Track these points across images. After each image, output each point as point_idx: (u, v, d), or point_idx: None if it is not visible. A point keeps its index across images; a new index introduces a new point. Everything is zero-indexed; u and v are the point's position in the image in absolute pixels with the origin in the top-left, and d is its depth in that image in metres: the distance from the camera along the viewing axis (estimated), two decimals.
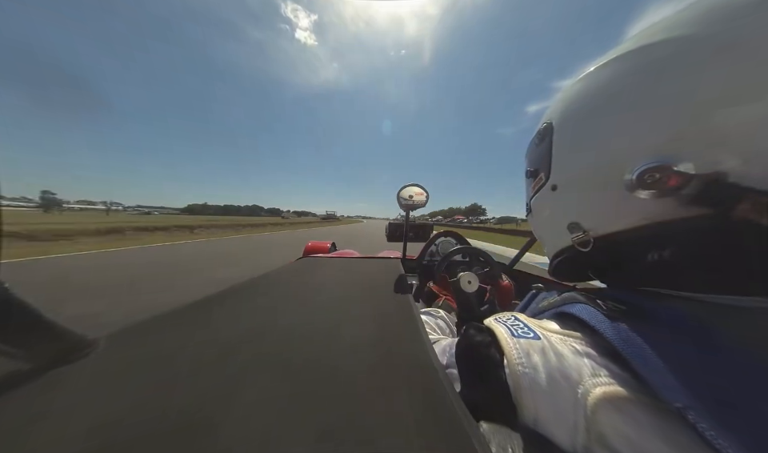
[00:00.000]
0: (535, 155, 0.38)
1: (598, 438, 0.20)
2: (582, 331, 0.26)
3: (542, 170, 0.36)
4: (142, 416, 0.24)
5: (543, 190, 0.37)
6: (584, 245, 0.32)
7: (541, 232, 0.44)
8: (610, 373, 0.22)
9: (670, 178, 0.22)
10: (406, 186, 1.01)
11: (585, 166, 0.31)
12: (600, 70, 0.29)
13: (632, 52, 0.26)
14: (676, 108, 0.23)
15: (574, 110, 0.32)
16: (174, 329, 0.42)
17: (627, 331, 0.22)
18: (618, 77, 0.28)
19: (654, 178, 0.23)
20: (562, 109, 0.33)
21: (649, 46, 0.25)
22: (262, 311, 0.51)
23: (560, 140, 0.33)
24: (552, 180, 0.35)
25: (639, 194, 0.24)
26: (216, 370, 0.30)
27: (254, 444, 0.21)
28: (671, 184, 0.23)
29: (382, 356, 0.33)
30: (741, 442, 0.16)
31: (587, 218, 0.32)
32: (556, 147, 0.34)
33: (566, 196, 0.34)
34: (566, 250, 0.36)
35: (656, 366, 0.20)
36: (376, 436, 0.21)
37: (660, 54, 0.24)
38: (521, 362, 0.25)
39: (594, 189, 0.30)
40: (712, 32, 0.22)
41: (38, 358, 0.31)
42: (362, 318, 0.46)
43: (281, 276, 0.78)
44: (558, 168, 0.34)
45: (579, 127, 0.31)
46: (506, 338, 0.27)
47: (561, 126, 0.33)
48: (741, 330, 0.21)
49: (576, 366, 0.23)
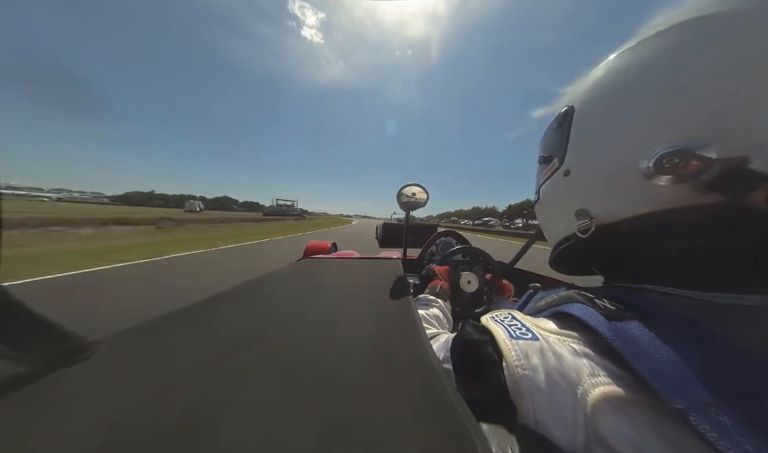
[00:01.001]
0: (551, 140, 0.38)
1: (597, 439, 0.20)
2: (579, 331, 0.26)
3: (556, 155, 0.36)
4: (143, 417, 0.24)
5: (555, 176, 0.37)
6: (585, 232, 0.32)
7: (546, 220, 0.44)
8: (608, 373, 0.22)
9: (689, 163, 0.22)
10: (407, 186, 1.01)
11: (603, 151, 0.30)
12: (627, 53, 0.29)
13: (660, 33, 0.26)
14: (702, 92, 0.23)
15: (598, 93, 0.32)
16: (174, 330, 0.42)
17: (625, 331, 0.22)
18: (644, 60, 0.27)
19: (673, 163, 0.22)
20: (586, 92, 0.33)
21: (678, 25, 0.25)
22: (263, 312, 0.51)
23: (580, 124, 0.33)
24: (566, 165, 0.35)
25: (657, 179, 0.24)
26: (217, 371, 0.31)
27: (255, 444, 0.21)
28: (690, 169, 0.22)
29: (382, 356, 0.33)
30: (743, 442, 0.16)
31: (596, 204, 0.31)
32: (574, 132, 0.34)
33: (578, 182, 0.34)
34: (569, 238, 0.36)
35: (655, 367, 0.19)
36: (376, 436, 0.21)
37: (689, 35, 0.24)
38: (520, 364, 0.25)
39: (608, 174, 0.30)
40: (748, 8, 0.21)
41: (39, 360, 0.31)
42: (361, 319, 0.46)
43: (281, 277, 0.78)
44: (573, 153, 0.34)
45: (602, 111, 0.31)
46: (504, 339, 0.27)
47: (582, 110, 0.33)
48: (741, 329, 0.20)
49: (575, 366, 0.23)
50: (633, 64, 0.28)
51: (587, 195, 0.33)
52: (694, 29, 0.24)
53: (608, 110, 0.30)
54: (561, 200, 0.38)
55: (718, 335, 0.20)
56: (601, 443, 0.20)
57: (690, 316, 0.22)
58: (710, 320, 0.22)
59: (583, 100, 0.33)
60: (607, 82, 0.31)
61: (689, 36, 0.24)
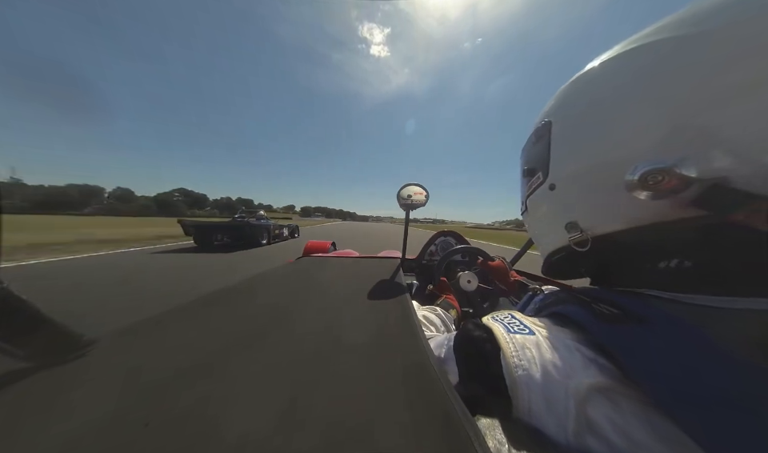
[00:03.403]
0: (532, 154, 0.38)
1: (587, 425, 0.21)
2: (574, 330, 0.27)
3: (540, 169, 0.36)
4: (141, 415, 0.24)
5: (540, 189, 0.37)
6: (582, 245, 0.32)
7: (536, 231, 0.44)
8: (600, 367, 0.22)
9: (670, 181, 0.22)
10: (406, 186, 1.01)
11: (584, 165, 0.30)
12: (603, 66, 0.29)
13: (637, 49, 0.26)
14: (680, 108, 0.23)
15: (574, 107, 0.32)
16: (172, 329, 0.42)
17: (617, 333, 0.23)
18: (622, 74, 0.27)
19: (657, 180, 0.23)
20: (562, 106, 0.33)
21: (655, 42, 0.25)
22: (261, 311, 0.51)
23: (559, 138, 0.33)
24: (550, 179, 0.35)
25: (638, 194, 0.24)
26: (215, 370, 0.31)
27: (254, 444, 0.21)
28: (669, 186, 0.23)
29: (381, 355, 0.34)
30: (726, 440, 0.16)
31: (585, 217, 0.32)
32: (555, 146, 0.34)
33: (564, 195, 0.34)
34: (562, 249, 0.36)
35: (644, 367, 0.20)
36: (375, 435, 0.21)
37: (665, 51, 0.24)
38: (516, 355, 0.26)
39: (593, 189, 0.30)
40: (717, 28, 0.22)
41: (38, 357, 0.31)
42: (360, 318, 0.47)
43: (280, 276, 0.78)
44: (556, 167, 0.34)
45: (580, 126, 0.31)
46: (502, 333, 0.28)
47: (560, 124, 0.33)
48: (729, 331, 0.21)
49: (569, 360, 0.24)
50: (609, 77, 0.28)
51: (575, 209, 0.33)
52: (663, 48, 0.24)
53: (586, 124, 0.30)
54: (549, 213, 0.38)
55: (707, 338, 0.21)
56: (591, 430, 0.21)
57: (681, 319, 0.23)
58: (700, 323, 0.22)
59: (562, 113, 0.33)
60: (584, 96, 0.31)
61: (656, 55, 0.25)
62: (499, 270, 0.84)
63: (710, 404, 0.18)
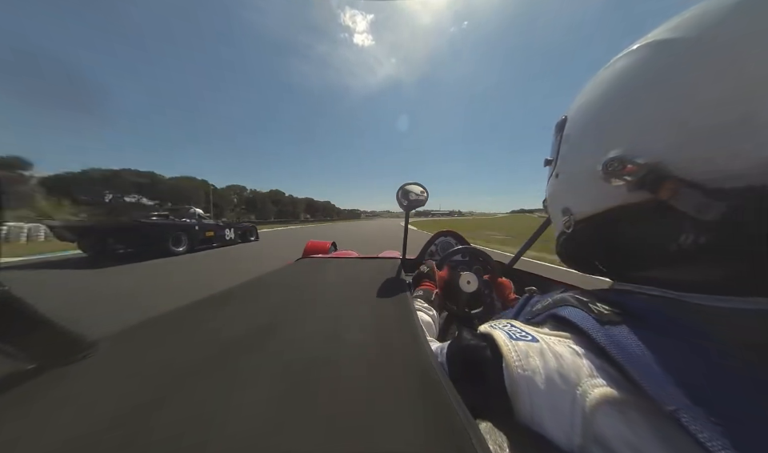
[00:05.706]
0: (552, 145, 0.43)
1: (595, 439, 0.20)
2: (573, 333, 0.27)
3: (554, 159, 0.41)
4: (143, 416, 0.24)
5: (551, 178, 0.41)
6: (567, 227, 0.37)
7: (550, 216, 0.49)
8: (606, 375, 0.22)
9: (625, 167, 0.26)
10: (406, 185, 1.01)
11: (576, 156, 0.36)
12: (601, 73, 0.33)
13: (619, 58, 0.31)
14: (630, 105, 0.28)
15: (579, 105, 0.36)
16: (174, 330, 0.43)
17: (618, 335, 0.23)
18: (604, 81, 0.32)
19: (614, 167, 0.27)
20: (575, 104, 0.38)
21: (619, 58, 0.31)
22: (262, 312, 0.51)
23: (566, 132, 0.37)
24: (557, 168, 0.39)
25: (609, 181, 0.28)
26: (216, 372, 0.31)
27: (254, 443, 0.21)
28: (625, 172, 0.26)
29: (381, 356, 0.34)
30: (734, 443, 0.16)
31: (574, 203, 0.36)
32: (563, 139, 0.38)
33: (562, 183, 0.39)
34: (561, 233, 0.40)
35: (647, 369, 0.20)
36: (376, 435, 0.21)
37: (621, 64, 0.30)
38: (520, 364, 0.25)
39: (578, 177, 0.35)
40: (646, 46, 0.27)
41: (39, 359, 0.31)
42: (361, 319, 0.47)
43: (280, 277, 0.78)
44: (561, 158, 0.38)
45: (579, 121, 0.35)
46: (504, 340, 0.28)
47: (570, 119, 0.37)
48: (731, 332, 0.21)
49: (574, 367, 0.23)
50: (598, 84, 0.33)
51: (569, 195, 0.38)
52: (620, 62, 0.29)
53: (583, 120, 0.35)
54: (554, 199, 0.43)
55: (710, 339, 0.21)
56: (598, 443, 0.20)
57: (686, 320, 0.22)
58: (702, 325, 0.22)
59: (573, 110, 0.37)
60: (585, 96, 0.35)
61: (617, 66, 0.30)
62: (504, 288, 0.85)
63: (716, 408, 0.17)
